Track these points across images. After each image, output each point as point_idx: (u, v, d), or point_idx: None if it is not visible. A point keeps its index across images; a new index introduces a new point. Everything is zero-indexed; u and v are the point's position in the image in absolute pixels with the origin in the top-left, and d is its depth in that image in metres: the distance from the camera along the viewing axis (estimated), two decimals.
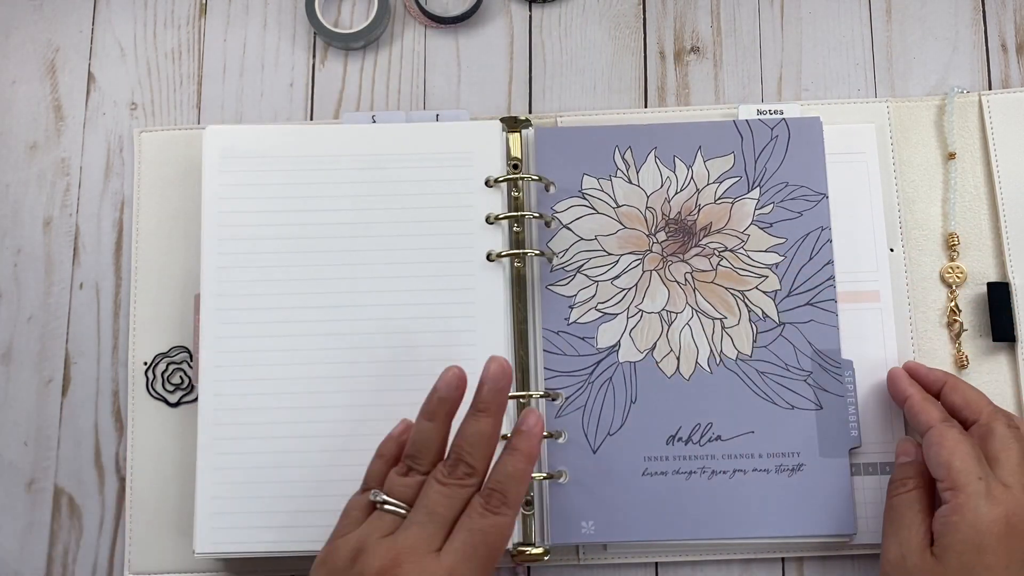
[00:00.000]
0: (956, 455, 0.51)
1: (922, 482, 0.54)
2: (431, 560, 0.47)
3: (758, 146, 0.61)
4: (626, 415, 0.58)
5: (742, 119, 0.62)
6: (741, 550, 0.59)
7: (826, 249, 0.60)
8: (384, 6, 0.66)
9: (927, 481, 0.54)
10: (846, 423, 0.58)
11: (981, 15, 0.66)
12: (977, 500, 0.50)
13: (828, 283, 0.59)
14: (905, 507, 0.53)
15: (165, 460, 0.60)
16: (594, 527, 0.57)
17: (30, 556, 0.61)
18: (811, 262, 0.60)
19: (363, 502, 0.51)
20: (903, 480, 0.54)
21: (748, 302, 0.60)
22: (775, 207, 0.61)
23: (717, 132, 0.62)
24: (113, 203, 0.65)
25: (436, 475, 0.50)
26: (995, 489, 0.50)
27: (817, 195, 0.60)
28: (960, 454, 0.51)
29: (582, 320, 0.60)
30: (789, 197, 0.61)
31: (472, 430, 0.50)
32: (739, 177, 0.61)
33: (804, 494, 0.57)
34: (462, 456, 0.50)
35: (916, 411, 0.55)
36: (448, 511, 0.49)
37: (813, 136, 0.61)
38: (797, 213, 0.60)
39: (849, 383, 0.58)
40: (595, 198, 0.61)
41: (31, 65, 0.67)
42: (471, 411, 0.51)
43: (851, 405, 0.58)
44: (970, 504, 0.50)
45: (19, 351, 0.63)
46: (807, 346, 0.59)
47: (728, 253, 0.60)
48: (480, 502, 0.49)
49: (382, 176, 0.60)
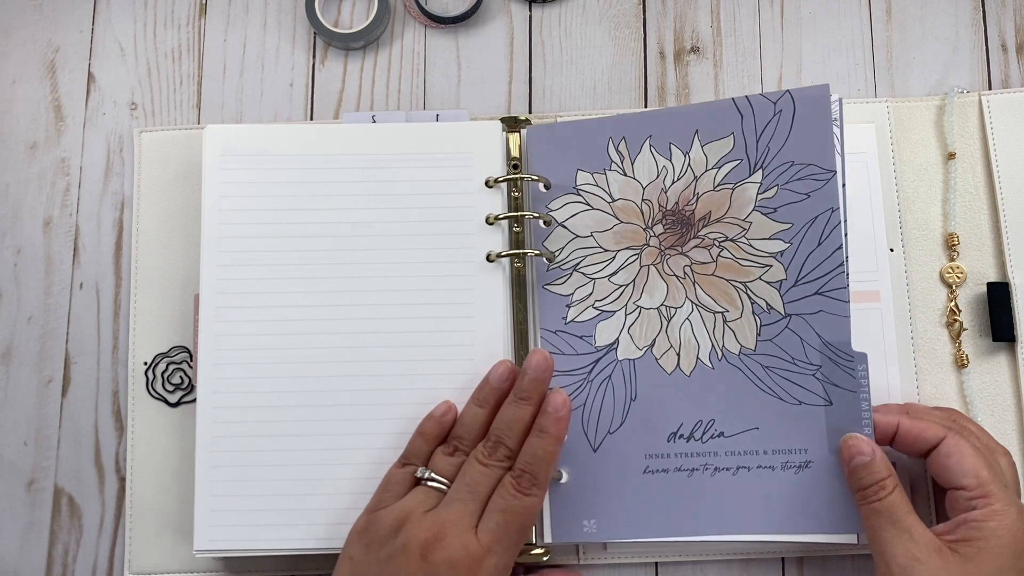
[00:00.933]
0: (982, 465, 0.52)
1: (897, 480, 0.52)
2: (471, 536, 0.51)
3: (760, 124, 0.58)
4: (626, 413, 0.58)
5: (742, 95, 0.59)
6: (741, 550, 0.59)
7: (836, 233, 0.56)
8: (384, 6, 0.66)
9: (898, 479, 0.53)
10: (859, 419, 0.54)
11: (981, 15, 0.66)
12: (1012, 509, 0.51)
13: (839, 270, 0.55)
14: (897, 510, 0.52)
15: (165, 460, 0.60)
16: (595, 526, 0.57)
17: (30, 556, 0.61)
18: (820, 248, 0.56)
19: (406, 476, 0.54)
20: (879, 483, 0.52)
21: (751, 294, 0.57)
22: (780, 190, 0.57)
23: (715, 112, 0.59)
24: (113, 203, 0.65)
25: (477, 455, 0.53)
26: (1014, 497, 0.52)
27: (827, 173, 0.56)
28: (985, 464, 0.52)
29: (580, 319, 0.59)
30: (795, 178, 0.57)
31: (513, 416, 0.54)
32: (740, 160, 0.58)
33: (811, 491, 0.55)
34: (502, 439, 0.53)
35: (916, 432, 0.54)
36: (488, 490, 0.52)
37: (821, 107, 0.57)
38: (804, 195, 0.57)
39: (863, 377, 0.55)
40: (590, 193, 0.60)
41: (31, 65, 0.67)
42: (512, 398, 0.55)
43: (864, 401, 0.54)
44: (1009, 512, 0.50)
45: (19, 351, 0.63)
46: (815, 338, 0.56)
47: (729, 243, 0.58)
48: (512, 483, 0.52)
49: (382, 176, 0.60)
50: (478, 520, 0.52)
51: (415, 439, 0.56)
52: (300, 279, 0.59)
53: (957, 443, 0.53)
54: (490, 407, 0.55)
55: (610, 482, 0.57)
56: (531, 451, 0.53)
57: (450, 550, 0.50)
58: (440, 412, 0.56)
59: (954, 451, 0.52)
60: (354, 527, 0.54)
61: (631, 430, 0.57)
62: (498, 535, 0.51)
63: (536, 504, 0.53)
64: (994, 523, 0.50)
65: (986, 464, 0.52)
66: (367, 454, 0.57)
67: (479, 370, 0.57)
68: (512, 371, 0.56)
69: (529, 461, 0.53)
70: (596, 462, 0.57)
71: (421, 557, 0.50)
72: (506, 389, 0.55)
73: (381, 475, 0.55)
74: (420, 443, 0.55)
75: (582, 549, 0.59)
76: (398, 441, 0.56)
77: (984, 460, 0.52)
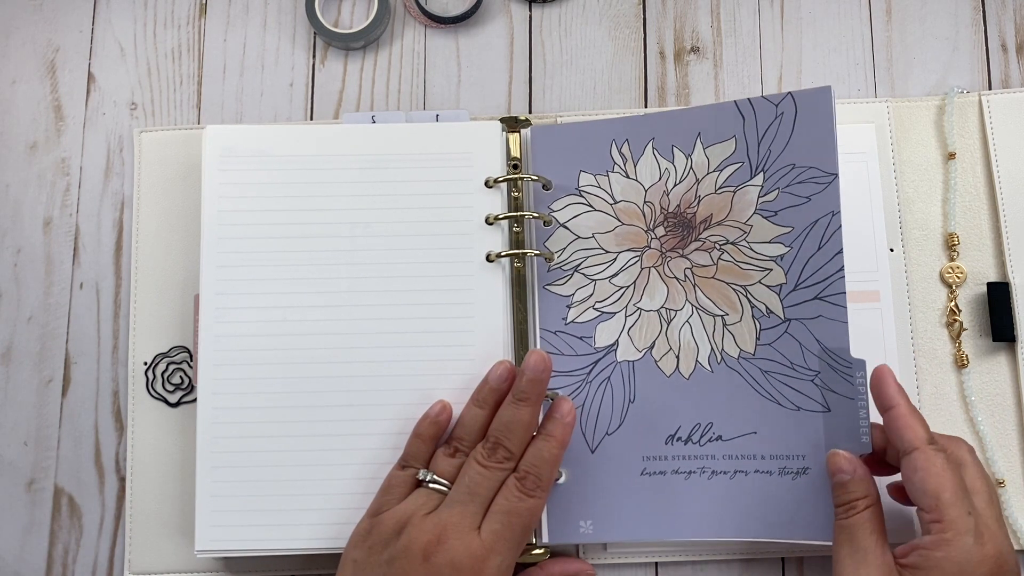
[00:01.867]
0: (946, 487, 0.49)
1: (871, 500, 0.51)
2: (473, 537, 0.51)
3: (761, 126, 0.58)
4: (624, 414, 0.58)
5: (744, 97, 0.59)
6: (741, 550, 0.59)
7: (837, 236, 0.55)
8: (384, 6, 0.66)
9: (875, 499, 0.51)
10: (856, 427, 0.54)
11: (981, 15, 0.66)
12: (966, 538, 0.48)
13: (838, 275, 0.55)
14: (859, 530, 0.50)
15: (165, 460, 0.60)
16: (592, 527, 0.57)
17: (30, 556, 0.61)
18: (820, 252, 0.55)
19: (407, 478, 0.54)
20: (851, 502, 0.51)
21: (751, 297, 0.57)
22: (780, 193, 0.57)
23: (717, 115, 0.59)
24: (113, 203, 0.65)
25: (476, 457, 0.53)
26: (983, 528, 0.49)
27: (827, 176, 0.56)
28: (950, 486, 0.49)
29: (580, 320, 0.59)
30: (796, 181, 0.57)
31: (511, 417, 0.54)
32: (741, 163, 0.58)
33: (809, 498, 0.54)
34: (501, 440, 0.53)
35: (901, 425, 0.51)
36: (488, 491, 0.52)
37: (823, 109, 0.56)
38: (805, 198, 0.56)
39: (861, 384, 0.54)
40: (592, 195, 0.60)
41: (31, 65, 0.67)
42: (510, 399, 0.54)
43: (863, 408, 0.54)
44: (958, 542, 0.48)
45: (19, 351, 0.63)
46: (814, 344, 0.55)
47: (729, 246, 0.58)
48: (516, 484, 0.52)
49: (382, 176, 0.60)
50: (480, 521, 0.52)
51: (412, 441, 0.56)
52: (300, 279, 0.59)
53: (928, 458, 0.50)
54: (489, 407, 0.55)
55: (607, 483, 0.57)
56: (537, 454, 0.53)
57: (452, 552, 0.50)
58: (435, 412, 0.56)
59: (922, 466, 0.50)
60: (356, 530, 0.54)
61: (629, 432, 0.57)
62: (502, 535, 0.51)
63: (539, 506, 0.53)
64: (940, 553, 0.48)
65: (952, 486, 0.49)
66: (367, 454, 0.57)
67: (479, 370, 0.57)
68: (511, 371, 0.56)
69: (535, 463, 0.53)
70: (594, 463, 0.57)
71: (424, 559, 0.50)
72: (505, 389, 0.55)
73: (382, 475, 0.55)
74: (418, 444, 0.56)
75: (582, 549, 0.59)
76: (398, 441, 0.56)
77: (952, 480, 0.49)
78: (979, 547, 0.48)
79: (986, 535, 0.49)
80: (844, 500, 0.51)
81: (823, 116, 0.56)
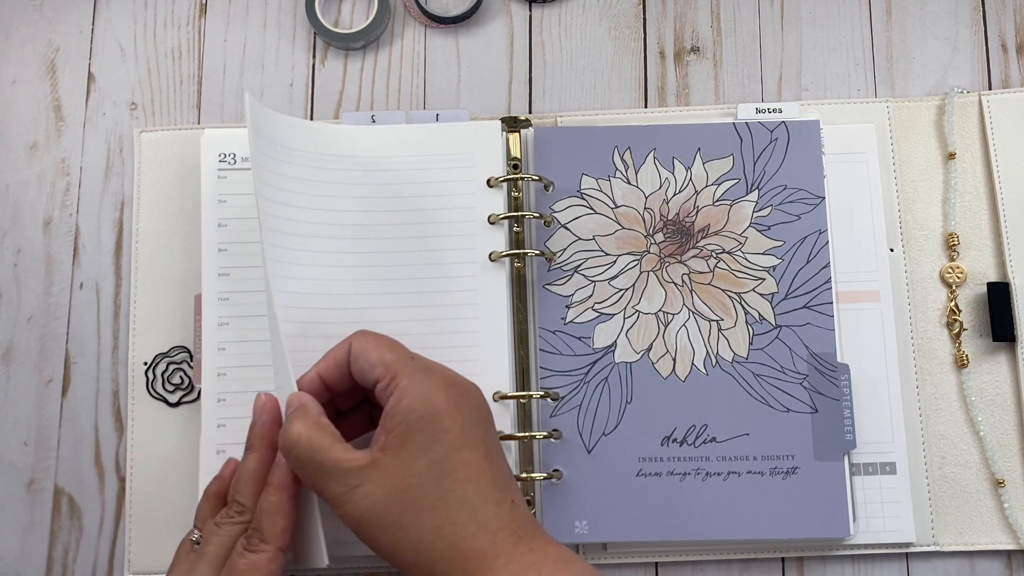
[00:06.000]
0: (385, 347, 0.49)
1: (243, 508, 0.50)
2: None
3: (757, 148, 0.62)
4: (621, 415, 0.58)
5: (741, 120, 0.62)
6: (741, 550, 0.59)
7: (824, 252, 0.60)
8: (384, 6, 0.66)
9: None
10: (841, 427, 0.58)
11: (981, 15, 0.66)
12: (419, 375, 0.48)
13: (825, 286, 0.59)
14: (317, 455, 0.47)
15: (165, 460, 0.60)
16: (587, 527, 0.57)
17: (30, 556, 0.61)
18: (808, 265, 0.60)
19: (187, 542, 0.52)
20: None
21: (745, 304, 0.60)
22: (773, 210, 0.61)
23: (716, 134, 0.62)
24: (113, 203, 0.65)
25: (216, 517, 0.51)
26: (425, 363, 0.50)
27: (816, 198, 0.61)
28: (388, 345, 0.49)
29: (579, 320, 0.60)
30: (787, 200, 0.61)
31: (242, 468, 0.51)
32: (738, 179, 0.61)
33: (798, 497, 0.57)
34: (234, 495, 0.51)
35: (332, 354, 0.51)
36: (220, 549, 0.50)
37: (812, 139, 0.61)
38: (795, 216, 0.61)
39: (845, 387, 0.58)
40: (593, 198, 0.61)
41: (31, 65, 0.67)
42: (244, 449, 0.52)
43: (847, 409, 0.58)
44: (415, 380, 0.48)
45: (19, 351, 0.63)
46: (803, 349, 0.59)
47: (726, 255, 0.60)
48: (242, 542, 0.49)
49: (383, 177, 0.60)
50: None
51: (201, 502, 0.54)
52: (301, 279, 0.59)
53: (361, 341, 0.50)
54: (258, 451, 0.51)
55: (603, 484, 0.57)
56: (259, 507, 0.50)
57: None
58: (224, 472, 0.54)
59: (360, 350, 0.50)
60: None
61: (626, 432, 0.58)
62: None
63: (265, 560, 0.48)
64: (406, 400, 0.47)
65: (391, 347, 0.49)
66: None
67: (483, 370, 0.57)
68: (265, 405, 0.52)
69: (258, 517, 0.50)
70: (590, 463, 0.58)
71: None
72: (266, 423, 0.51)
73: None
74: (204, 505, 0.53)
75: (582, 549, 0.59)
76: None
77: (389, 344, 0.50)
78: (430, 375, 0.49)
79: (432, 367, 0.50)
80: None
81: (812, 146, 0.61)
